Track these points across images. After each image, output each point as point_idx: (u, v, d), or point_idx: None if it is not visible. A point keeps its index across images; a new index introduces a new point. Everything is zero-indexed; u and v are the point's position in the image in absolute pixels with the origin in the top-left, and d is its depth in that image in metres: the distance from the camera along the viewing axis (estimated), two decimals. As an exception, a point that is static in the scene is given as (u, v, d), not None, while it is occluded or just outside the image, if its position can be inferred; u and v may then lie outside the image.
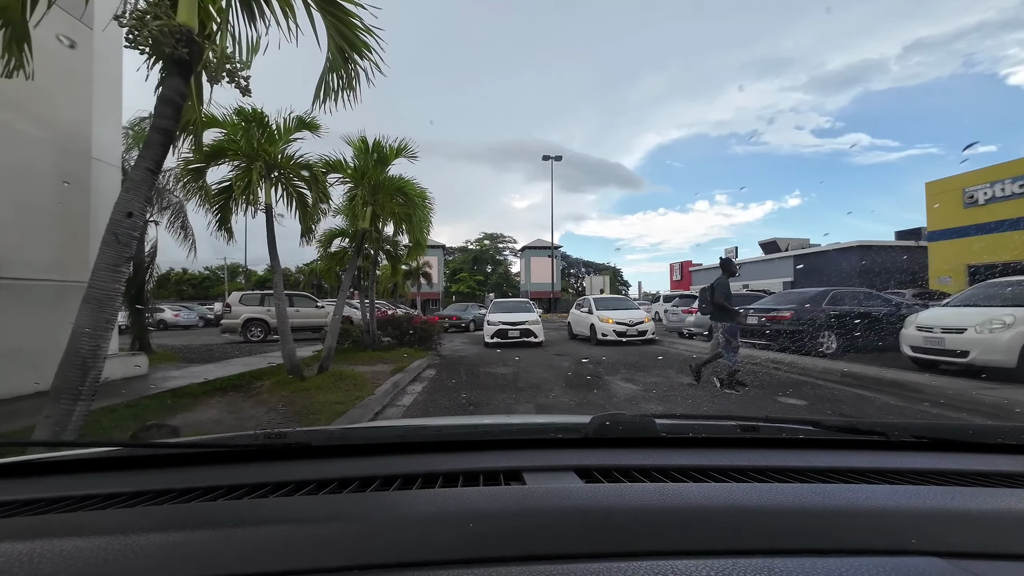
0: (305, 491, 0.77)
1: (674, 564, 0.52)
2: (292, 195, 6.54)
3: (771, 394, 5.84)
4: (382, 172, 6.74)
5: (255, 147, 5.73)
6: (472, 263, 58.79)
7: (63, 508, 0.72)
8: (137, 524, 0.63)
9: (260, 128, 5.94)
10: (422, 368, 8.22)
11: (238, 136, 5.80)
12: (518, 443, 1.00)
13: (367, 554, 0.55)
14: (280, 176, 6.46)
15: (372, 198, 6.81)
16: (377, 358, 8.49)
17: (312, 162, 6.45)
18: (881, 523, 0.63)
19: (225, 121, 5.80)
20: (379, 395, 5.41)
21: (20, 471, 0.89)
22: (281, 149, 6.25)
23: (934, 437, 1.00)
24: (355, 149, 6.73)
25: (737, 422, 1.10)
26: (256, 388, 5.83)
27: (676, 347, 11.68)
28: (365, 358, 8.50)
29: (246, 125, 5.83)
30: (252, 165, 5.62)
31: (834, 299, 9.59)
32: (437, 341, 9.94)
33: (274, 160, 6.16)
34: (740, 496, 0.69)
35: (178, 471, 0.89)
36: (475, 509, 0.65)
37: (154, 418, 4.30)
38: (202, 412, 4.59)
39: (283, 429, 0.96)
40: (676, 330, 13.54)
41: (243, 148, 5.71)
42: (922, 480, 0.80)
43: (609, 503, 0.67)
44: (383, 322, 9.97)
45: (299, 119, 6.34)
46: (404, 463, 0.89)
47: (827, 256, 29.57)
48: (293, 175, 6.42)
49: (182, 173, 5.89)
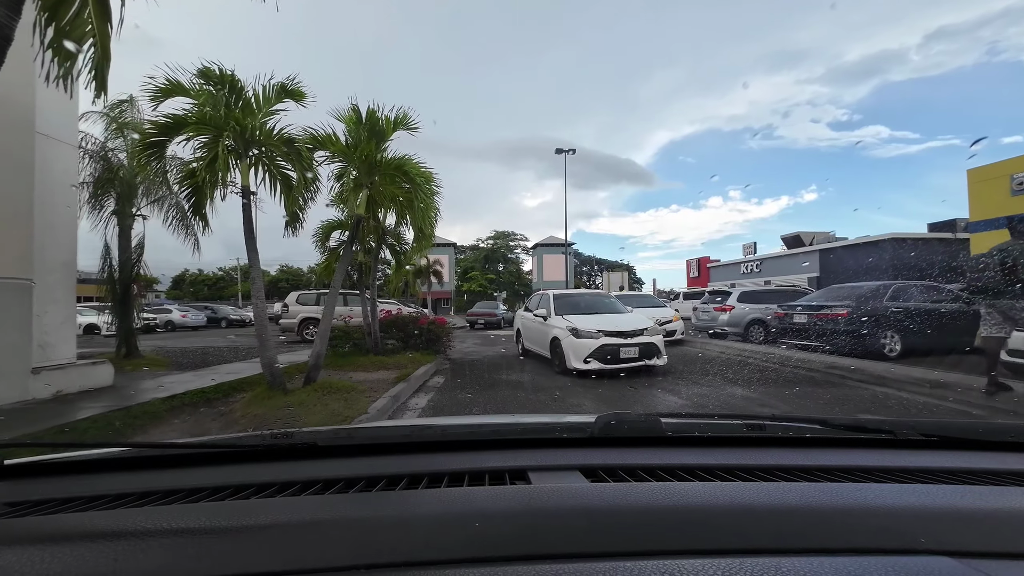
0: (312, 491, 0.77)
1: (680, 564, 0.51)
2: (275, 176, 5.59)
3: (856, 407, 4.73)
4: (378, 149, 5.73)
5: (223, 116, 4.77)
6: (483, 262, 58.09)
7: (74, 508, 0.73)
8: (147, 523, 0.63)
9: (232, 95, 5.00)
10: (428, 375, 7.25)
11: (204, 104, 4.86)
12: (523, 443, 0.98)
13: (374, 553, 0.56)
14: (261, 154, 5.53)
15: (368, 180, 5.82)
16: (379, 363, 7.54)
17: (296, 136, 5.48)
18: (890, 522, 0.62)
19: (188, 88, 4.87)
20: (374, 412, 4.44)
21: (31, 472, 0.90)
22: (260, 122, 5.31)
23: (944, 435, 1.00)
24: (346, 123, 5.73)
25: (743, 421, 1.10)
26: (227, 405, 4.91)
27: (710, 348, 10.53)
28: (365, 364, 7.56)
29: (214, 90, 4.89)
30: (219, 137, 4.65)
31: (896, 293, 8.39)
32: (446, 343, 8.97)
33: (251, 134, 5.22)
34: (747, 495, 0.69)
35: (186, 471, 0.89)
36: (480, 508, 0.65)
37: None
38: (151, 438, 3.66)
39: (289, 429, 0.99)
40: (707, 329, 12.39)
41: (208, 118, 4.75)
42: (932, 479, 0.79)
43: (615, 502, 0.66)
44: (386, 323, 9.02)
45: (281, 87, 5.39)
46: (409, 463, 0.89)
47: (856, 250, 28.10)
48: (275, 153, 5.48)
49: (133, 150, 4.95)
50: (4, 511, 0.73)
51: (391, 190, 6.04)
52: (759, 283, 32.59)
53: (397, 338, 8.80)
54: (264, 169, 5.60)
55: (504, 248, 60.32)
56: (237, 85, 4.99)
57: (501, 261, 58.90)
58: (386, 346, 8.61)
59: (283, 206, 5.68)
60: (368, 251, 8.40)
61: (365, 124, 5.69)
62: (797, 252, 34.23)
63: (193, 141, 5.08)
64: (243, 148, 5.23)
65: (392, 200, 6.24)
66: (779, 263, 35.25)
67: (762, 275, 35.65)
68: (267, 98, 5.34)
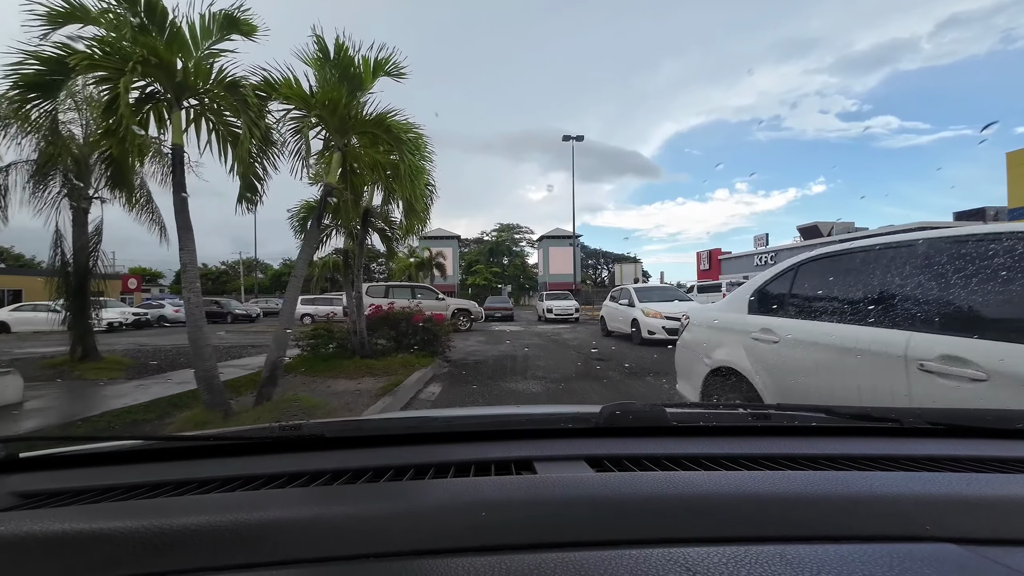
0: (320, 482, 0.77)
1: (686, 552, 0.51)
2: (222, 134, 4.35)
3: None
4: (352, 98, 4.45)
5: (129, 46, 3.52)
6: (488, 255, 57.17)
7: (88, 499, 0.74)
8: (159, 514, 0.64)
9: (151, 21, 3.75)
10: (423, 384, 6.04)
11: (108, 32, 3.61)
12: (528, 433, 0.99)
13: (383, 542, 0.56)
14: (203, 105, 4.29)
15: (341, 140, 4.55)
16: (364, 369, 6.34)
17: (242, 78, 4.21)
18: (895, 510, 0.62)
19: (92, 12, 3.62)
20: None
21: (45, 464, 0.90)
22: (199, 61, 4.07)
23: (951, 424, 0.99)
24: (311, 64, 4.43)
25: (749, 410, 1.10)
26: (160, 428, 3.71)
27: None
28: (348, 369, 6.35)
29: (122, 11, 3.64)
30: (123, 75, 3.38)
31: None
32: (446, 343, 7.75)
33: (186, 78, 3.99)
34: (751, 484, 0.68)
35: (196, 463, 0.90)
36: (487, 498, 0.65)
37: None
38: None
39: (297, 422, 1.00)
40: None
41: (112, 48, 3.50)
42: (937, 467, 0.78)
43: (620, 491, 0.66)
44: (375, 321, 7.82)
45: (226, 17, 4.14)
46: (417, 453, 0.89)
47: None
48: (220, 104, 4.23)
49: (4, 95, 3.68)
50: (20, 502, 0.75)
51: (372, 155, 4.76)
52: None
53: (388, 337, 7.57)
54: (209, 126, 4.37)
55: (509, 241, 59.50)
56: (158, 6, 3.73)
57: (506, 254, 58.10)
58: (376, 346, 7.39)
59: (235, 172, 4.44)
60: (352, 235, 7.15)
61: (334, 63, 4.39)
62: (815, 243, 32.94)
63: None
64: (173, 95, 4.00)
65: (374, 169, 4.96)
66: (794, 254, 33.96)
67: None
68: (206, 30, 4.10)
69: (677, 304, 10.48)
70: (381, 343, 7.52)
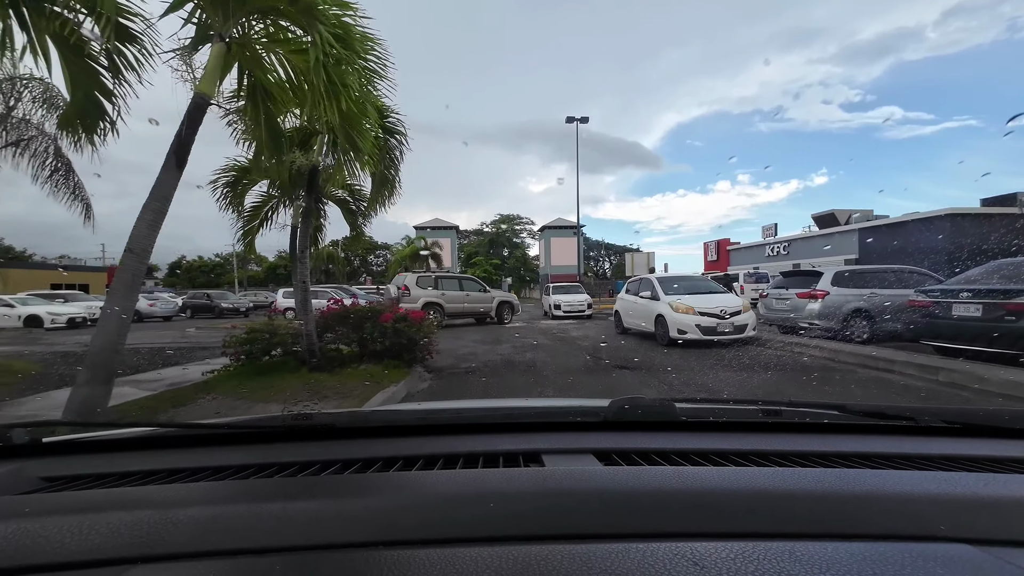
0: (331, 470, 0.78)
1: (693, 546, 0.51)
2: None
3: None
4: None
5: None
6: (488, 246, 55.79)
7: (106, 484, 0.76)
8: (175, 499, 0.66)
9: None
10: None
11: None
12: (537, 426, 0.98)
13: (392, 531, 0.56)
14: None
15: (225, 25, 2.70)
16: (310, 388, 4.63)
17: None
18: (908, 509, 0.61)
19: None
20: None
21: (66, 449, 0.92)
22: None
23: (967, 423, 0.98)
24: None
25: (759, 406, 1.08)
26: None
27: (802, 352, 7.53)
28: (287, 388, 4.65)
29: None
30: None
31: None
32: (427, 349, 6.02)
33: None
34: (761, 480, 0.68)
35: (211, 450, 0.91)
36: (495, 490, 0.66)
37: None
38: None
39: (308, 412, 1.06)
40: (779, 323, 9.27)
41: None
42: (953, 466, 0.77)
43: (628, 485, 0.67)
44: (331, 320, 5.99)
45: None
46: (425, 445, 0.90)
47: (905, 228, 25.04)
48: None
49: None
50: (44, 485, 0.76)
51: (283, 50, 2.94)
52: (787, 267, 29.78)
53: (349, 341, 5.81)
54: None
55: (509, 232, 58.25)
56: None
57: (506, 246, 56.64)
58: (333, 353, 5.65)
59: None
60: (284, 197, 5.31)
61: None
62: (833, 231, 31.16)
63: None
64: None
65: (289, 78, 3.12)
66: (810, 244, 32.42)
67: (790, 257, 33.01)
68: None
69: (711, 298, 8.73)
70: (336, 350, 5.74)
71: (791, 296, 8.73)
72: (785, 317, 8.93)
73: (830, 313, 7.99)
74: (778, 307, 9.10)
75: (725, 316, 8.08)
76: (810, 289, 8.29)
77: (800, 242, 32.83)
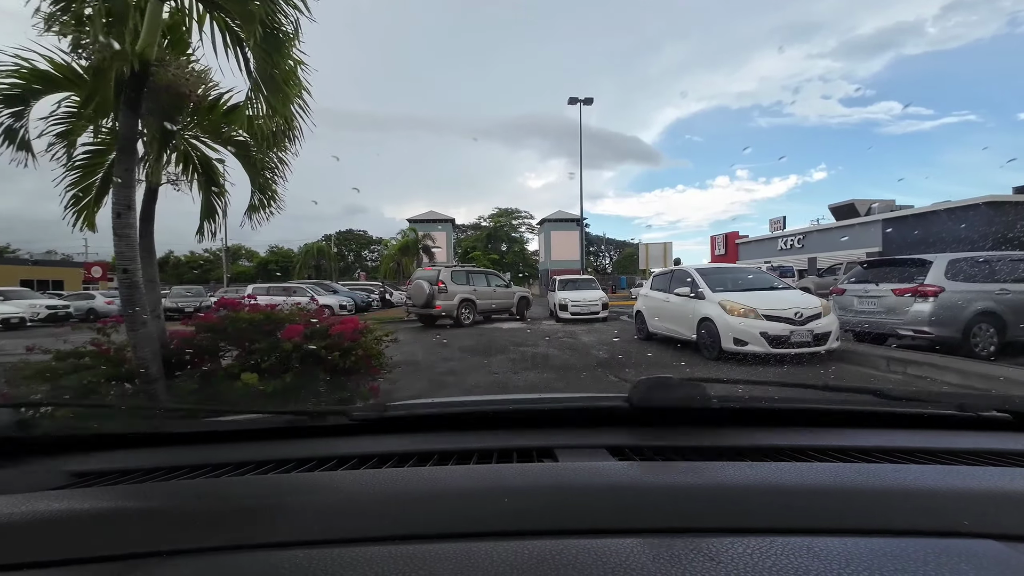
0: (348, 466, 0.79)
1: (709, 541, 0.51)
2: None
3: None
4: None
5: None
6: (486, 240, 54.22)
7: (134, 479, 0.77)
8: (199, 494, 0.67)
9: None
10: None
11: None
12: (551, 422, 0.99)
13: (408, 525, 0.57)
14: None
15: None
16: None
17: None
18: (931, 503, 0.59)
19: None
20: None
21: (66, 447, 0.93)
22: None
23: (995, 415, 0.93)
24: None
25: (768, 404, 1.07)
26: None
27: (923, 375, 5.32)
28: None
29: None
30: None
31: None
32: (371, 377, 3.77)
33: None
34: (778, 475, 0.67)
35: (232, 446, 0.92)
36: (509, 484, 0.66)
37: None
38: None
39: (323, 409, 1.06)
40: (869, 329, 6.73)
41: None
42: (978, 460, 0.75)
43: (643, 480, 0.67)
44: (198, 338, 3.30)
45: None
46: (440, 440, 0.91)
47: (935, 218, 23.00)
48: None
49: None
50: (74, 481, 0.77)
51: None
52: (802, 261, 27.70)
53: (242, 367, 3.47)
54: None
55: (508, 227, 56.83)
56: None
57: (505, 240, 54.89)
58: (193, 396, 3.36)
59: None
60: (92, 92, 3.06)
61: None
62: (852, 223, 28.98)
63: None
64: None
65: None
66: (826, 237, 30.32)
67: (805, 251, 30.89)
68: None
69: (778, 296, 6.49)
70: (220, 387, 3.43)
71: (885, 293, 6.43)
72: (876, 322, 6.62)
73: (947, 317, 5.78)
74: (862, 308, 6.78)
75: (801, 321, 5.86)
76: (915, 284, 6.06)
77: (816, 234, 30.76)
